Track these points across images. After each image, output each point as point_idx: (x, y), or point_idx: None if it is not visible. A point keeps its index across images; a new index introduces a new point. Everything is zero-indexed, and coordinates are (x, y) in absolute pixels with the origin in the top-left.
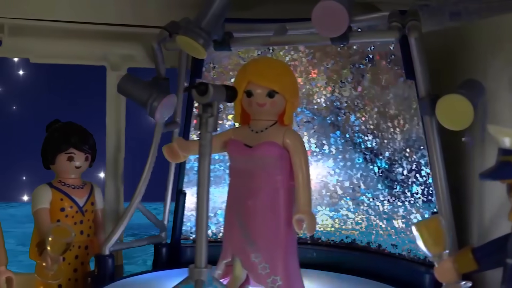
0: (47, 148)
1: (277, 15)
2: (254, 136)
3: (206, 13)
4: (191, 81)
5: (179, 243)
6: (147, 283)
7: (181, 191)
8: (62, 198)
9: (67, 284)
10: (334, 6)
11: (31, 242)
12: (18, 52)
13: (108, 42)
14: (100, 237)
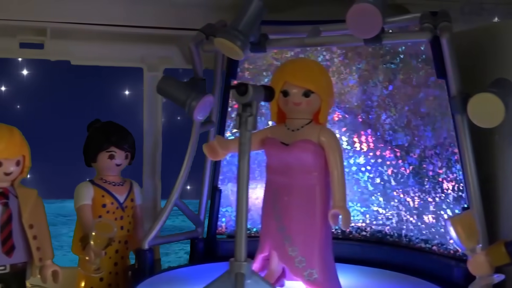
0: (89, 147)
1: (311, 17)
2: (290, 134)
3: (243, 16)
4: (226, 82)
5: (214, 237)
6: (185, 277)
7: (216, 188)
8: (103, 194)
9: (108, 277)
10: (369, 8)
11: (74, 237)
12: (59, 55)
13: (146, 44)
14: (138, 232)
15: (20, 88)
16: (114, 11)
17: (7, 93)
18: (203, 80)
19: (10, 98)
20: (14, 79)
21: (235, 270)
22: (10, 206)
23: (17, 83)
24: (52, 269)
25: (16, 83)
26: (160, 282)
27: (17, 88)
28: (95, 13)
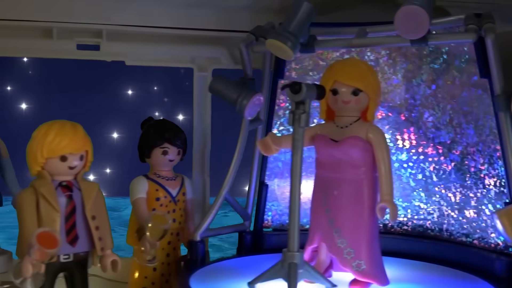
0: (144, 143)
1: (356, 19)
2: (339, 131)
3: (293, 18)
4: (273, 81)
5: (261, 231)
6: (234, 267)
7: (263, 183)
8: (157, 188)
9: (160, 267)
10: (417, 10)
11: (129, 229)
12: (114, 56)
13: (196, 45)
14: (189, 225)
15: (25, 88)
16: (166, 14)
17: (13, 92)
18: (252, 80)
19: (15, 97)
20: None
21: (288, 260)
22: (74, 199)
23: (23, 82)
24: (112, 259)
25: (22, 82)
26: (212, 272)
27: (23, 88)
28: (148, 16)
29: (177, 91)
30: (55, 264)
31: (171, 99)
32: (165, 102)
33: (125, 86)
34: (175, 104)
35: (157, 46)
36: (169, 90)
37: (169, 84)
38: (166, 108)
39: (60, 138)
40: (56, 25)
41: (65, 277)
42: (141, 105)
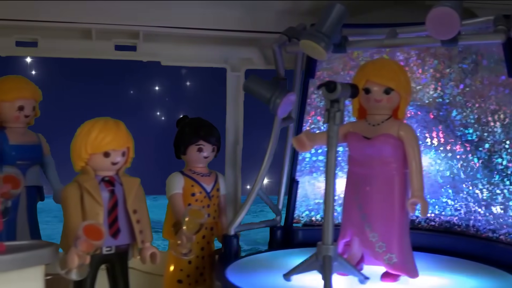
0: (180, 140)
1: (387, 20)
2: (371, 128)
3: (326, 19)
4: (305, 81)
5: (291, 226)
6: (268, 260)
7: (294, 180)
8: (193, 184)
9: (195, 261)
10: (449, 12)
11: (165, 223)
12: (150, 56)
13: (229, 46)
14: (222, 220)
15: None
16: (200, 16)
17: None
18: (284, 80)
19: None
20: None
21: (323, 253)
22: (116, 193)
23: None
24: (151, 251)
25: None
26: (246, 265)
27: None
28: (183, 18)
29: (178, 91)
30: (98, 256)
31: (172, 99)
32: (166, 101)
33: (127, 86)
34: (176, 104)
35: (191, 47)
36: (171, 90)
37: (170, 84)
38: (167, 107)
39: (103, 135)
40: (95, 27)
41: (107, 269)
42: (142, 105)
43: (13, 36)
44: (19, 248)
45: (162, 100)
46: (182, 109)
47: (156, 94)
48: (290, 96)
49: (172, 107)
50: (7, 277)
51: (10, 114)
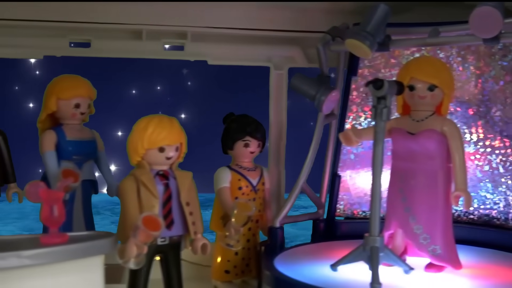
0: (227, 136)
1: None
2: (415, 124)
3: (371, 19)
4: (347, 79)
5: (333, 219)
6: (312, 252)
7: (336, 174)
8: (239, 178)
9: (241, 252)
10: (492, 11)
11: (212, 215)
12: (197, 56)
13: (272, 45)
14: (267, 213)
15: (32, 87)
16: (245, 16)
17: (20, 92)
18: (328, 77)
19: (23, 97)
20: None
21: (370, 244)
22: (170, 186)
23: (30, 82)
24: (202, 242)
25: (29, 82)
26: (291, 256)
27: (30, 88)
28: (229, 18)
29: (179, 91)
30: (153, 246)
31: (174, 98)
32: (168, 101)
33: (129, 86)
34: (177, 103)
35: (236, 46)
36: (172, 90)
37: (172, 84)
38: (168, 107)
39: (159, 131)
40: (146, 28)
41: (160, 259)
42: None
43: (67, 37)
44: (81, 239)
45: (163, 100)
46: (184, 108)
47: (158, 94)
48: (334, 93)
49: (173, 107)
50: (69, 266)
51: (67, 112)
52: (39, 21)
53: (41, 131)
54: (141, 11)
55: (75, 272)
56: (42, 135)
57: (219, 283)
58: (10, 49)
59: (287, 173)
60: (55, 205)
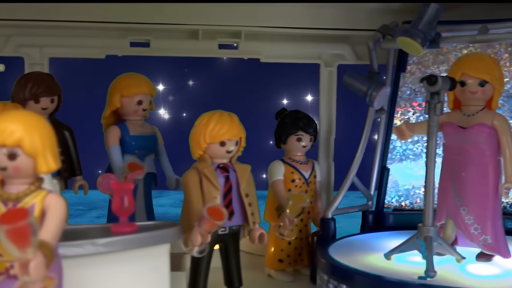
0: (281, 131)
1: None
2: (466, 119)
3: (422, 17)
4: (396, 75)
5: (382, 210)
6: (362, 242)
7: (385, 167)
8: (292, 171)
9: (294, 242)
10: None
11: (266, 206)
12: (250, 54)
13: (322, 43)
14: (318, 204)
15: None
16: (296, 15)
17: None
18: (378, 74)
19: None
20: None
21: (424, 234)
22: (231, 178)
23: None
24: (260, 232)
25: None
26: (344, 246)
27: None
28: (281, 18)
29: (181, 91)
30: (214, 236)
31: (176, 98)
32: (170, 100)
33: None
34: (179, 102)
35: (288, 45)
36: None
37: (174, 84)
38: (171, 106)
39: (220, 126)
40: (202, 28)
41: (220, 248)
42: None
43: (128, 37)
44: (149, 228)
45: (165, 99)
46: (185, 107)
47: (160, 93)
48: (385, 89)
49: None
50: (138, 253)
51: (130, 108)
52: (101, 22)
53: (105, 127)
54: (198, 12)
55: (144, 259)
56: (107, 131)
57: (273, 272)
58: (75, 50)
59: None
60: (125, 196)
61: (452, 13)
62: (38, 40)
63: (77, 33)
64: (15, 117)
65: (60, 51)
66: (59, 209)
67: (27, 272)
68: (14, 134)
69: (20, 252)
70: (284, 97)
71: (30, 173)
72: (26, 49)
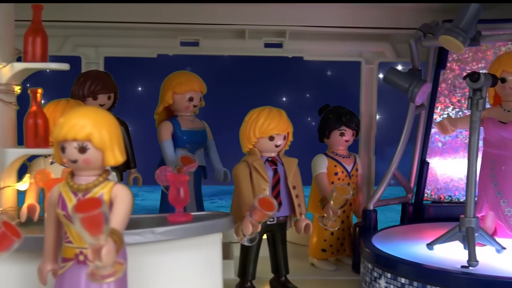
0: (324, 126)
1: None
2: (506, 114)
3: (463, 16)
4: (436, 72)
5: (421, 203)
6: (403, 233)
7: (425, 161)
8: (335, 165)
9: (336, 232)
10: None
11: (310, 198)
12: (294, 52)
13: (364, 42)
14: (359, 197)
15: (42, 85)
16: (338, 15)
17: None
18: (419, 71)
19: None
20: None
21: (465, 225)
22: (279, 171)
23: (40, 80)
24: (305, 223)
25: (39, 80)
26: (386, 237)
27: (39, 85)
28: (325, 17)
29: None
30: (263, 226)
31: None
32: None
33: (134, 82)
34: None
35: (330, 43)
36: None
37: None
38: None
39: (269, 121)
40: (248, 28)
41: (268, 237)
42: (150, 100)
43: (178, 37)
44: (203, 218)
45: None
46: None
47: None
48: (427, 86)
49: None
50: (193, 241)
51: (181, 105)
52: (153, 23)
53: (158, 122)
54: (244, 13)
55: (198, 248)
56: (160, 126)
57: (316, 261)
58: (128, 49)
59: None
60: (181, 187)
61: (491, 12)
62: (94, 40)
63: (130, 34)
64: (85, 113)
65: (114, 51)
66: (126, 199)
67: (99, 257)
68: (84, 129)
69: (93, 238)
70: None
71: (99, 165)
72: (83, 48)
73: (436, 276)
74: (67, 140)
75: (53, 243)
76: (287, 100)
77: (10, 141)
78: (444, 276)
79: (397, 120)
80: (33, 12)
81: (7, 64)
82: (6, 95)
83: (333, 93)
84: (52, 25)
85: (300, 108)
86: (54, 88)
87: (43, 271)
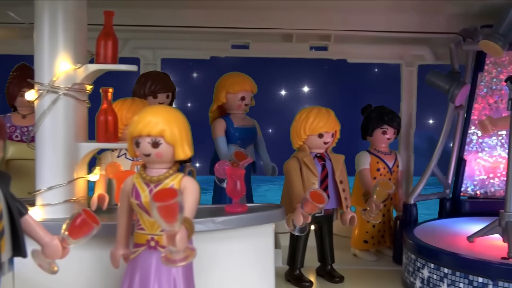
0: (367, 124)
1: None
2: None
3: (502, 22)
4: (474, 74)
5: (458, 198)
6: (442, 227)
7: (462, 159)
8: (378, 161)
9: (377, 225)
10: None
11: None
12: (338, 55)
13: (404, 45)
14: (399, 192)
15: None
16: (380, 19)
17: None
18: (458, 73)
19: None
20: None
21: (505, 219)
22: (327, 167)
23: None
24: (351, 215)
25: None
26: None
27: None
28: (368, 22)
29: (186, 82)
30: (312, 217)
31: (182, 89)
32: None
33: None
34: (185, 93)
35: (372, 46)
36: (180, 81)
37: (179, 76)
38: (178, 96)
39: (318, 120)
40: (295, 32)
41: (315, 228)
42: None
43: (230, 40)
44: (257, 209)
45: None
46: (190, 98)
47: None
48: (466, 87)
49: (183, 97)
50: (249, 231)
51: (234, 103)
52: (207, 27)
53: (212, 120)
54: (292, 18)
55: (253, 237)
56: (214, 123)
57: (358, 251)
58: (183, 51)
59: None
60: (238, 180)
61: None
62: (152, 43)
63: (185, 37)
64: (157, 111)
65: (170, 53)
66: (194, 190)
67: (174, 243)
68: (157, 126)
69: (168, 225)
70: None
71: (169, 159)
72: (141, 51)
73: (477, 266)
74: (141, 136)
75: (125, 230)
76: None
77: (82, 136)
78: (486, 267)
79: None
80: (105, 18)
81: (82, 65)
82: (80, 94)
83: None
84: (114, 29)
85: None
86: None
87: (116, 255)
